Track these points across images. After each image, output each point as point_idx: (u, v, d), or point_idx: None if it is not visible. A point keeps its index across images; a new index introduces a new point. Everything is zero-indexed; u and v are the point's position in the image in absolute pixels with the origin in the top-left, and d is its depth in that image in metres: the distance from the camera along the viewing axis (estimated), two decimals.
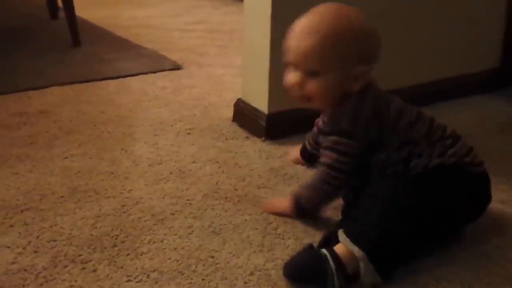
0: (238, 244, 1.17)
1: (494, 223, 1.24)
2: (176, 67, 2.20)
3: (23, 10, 2.97)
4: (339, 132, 1.18)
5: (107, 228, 1.21)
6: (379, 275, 1.04)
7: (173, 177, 1.42)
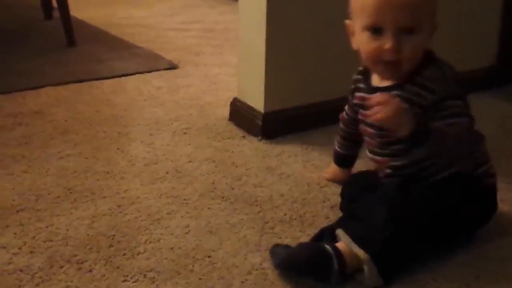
0: (235, 244, 1.16)
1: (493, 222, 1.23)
2: (172, 67, 2.19)
3: (18, 10, 2.96)
4: (458, 96, 1.08)
5: (103, 228, 1.20)
6: (382, 277, 1.03)
7: (169, 176, 1.41)
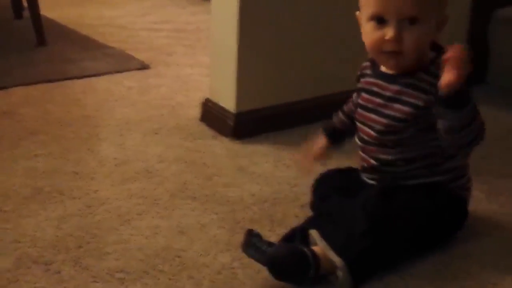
0: (205, 244, 1.16)
1: None
2: (144, 67, 2.18)
3: None
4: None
5: (72, 229, 1.19)
6: (354, 282, 1.04)
7: (139, 177, 1.41)
